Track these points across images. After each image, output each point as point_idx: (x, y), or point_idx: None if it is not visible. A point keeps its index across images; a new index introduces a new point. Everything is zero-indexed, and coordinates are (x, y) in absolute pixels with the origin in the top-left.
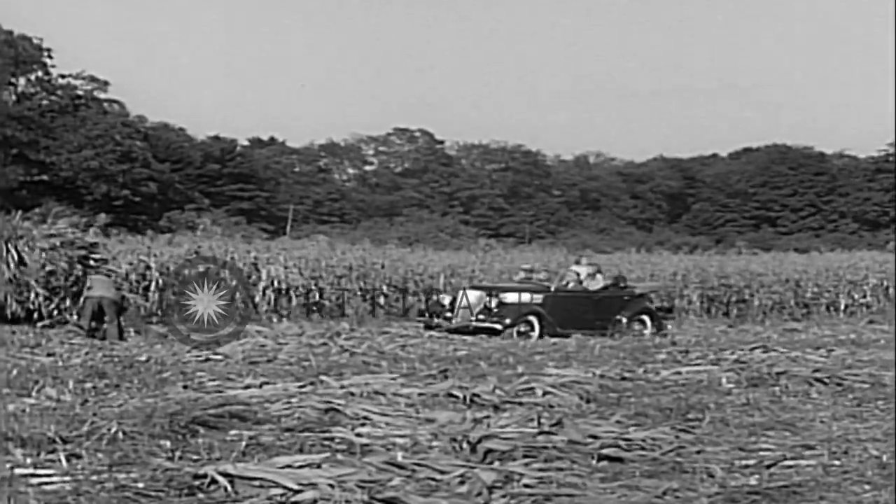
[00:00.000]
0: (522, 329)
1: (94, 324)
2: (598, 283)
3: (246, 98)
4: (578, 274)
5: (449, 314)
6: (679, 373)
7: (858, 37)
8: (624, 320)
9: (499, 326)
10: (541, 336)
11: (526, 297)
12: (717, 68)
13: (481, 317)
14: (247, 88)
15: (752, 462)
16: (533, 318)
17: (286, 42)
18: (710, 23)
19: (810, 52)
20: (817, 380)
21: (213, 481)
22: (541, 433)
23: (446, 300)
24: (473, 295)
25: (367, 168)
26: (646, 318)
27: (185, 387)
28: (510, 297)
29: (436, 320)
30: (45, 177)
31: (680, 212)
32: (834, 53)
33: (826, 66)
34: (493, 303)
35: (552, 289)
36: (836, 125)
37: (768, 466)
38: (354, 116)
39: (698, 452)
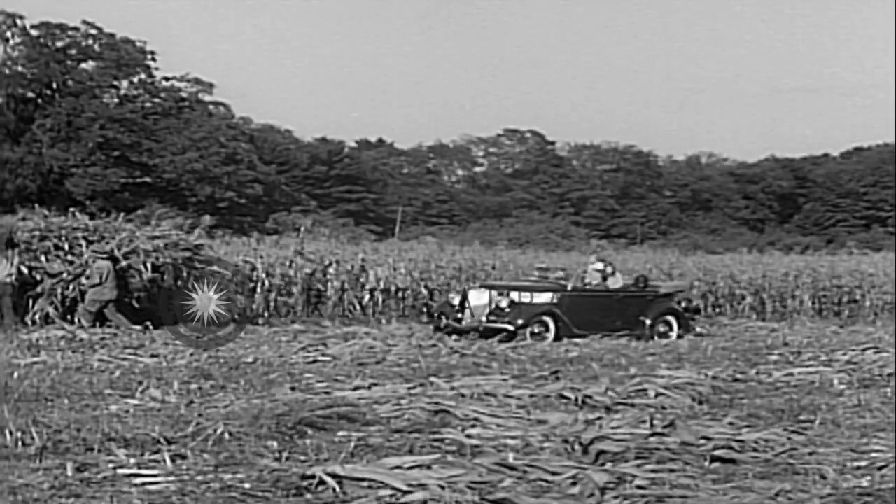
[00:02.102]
0: (536, 330)
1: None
2: (617, 283)
3: (354, 100)
4: (601, 272)
5: (459, 315)
6: (791, 374)
7: None
8: (648, 322)
9: (510, 327)
10: (556, 338)
11: (539, 296)
12: (828, 68)
13: (492, 317)
14: (355, 90)
15: (863, 463)
16: (547, 319)
17: (394, 43)
18: (821, 23)
19: None
20: None
21: (322, 482)
22: (653, 435)
23: (455, 300)
24: (484, 295)
25: (477, 169)
26: (671, 319)
27: (292, 388)
28: (522, 297)
29: (445, 321)
30: (147, 179)
31: (791, 212)
32: None
33: None
34: (504, 302)
35: (568, 287)
36: None
37: (880, 468)
38: (464, 118)
39: (810, 454)
